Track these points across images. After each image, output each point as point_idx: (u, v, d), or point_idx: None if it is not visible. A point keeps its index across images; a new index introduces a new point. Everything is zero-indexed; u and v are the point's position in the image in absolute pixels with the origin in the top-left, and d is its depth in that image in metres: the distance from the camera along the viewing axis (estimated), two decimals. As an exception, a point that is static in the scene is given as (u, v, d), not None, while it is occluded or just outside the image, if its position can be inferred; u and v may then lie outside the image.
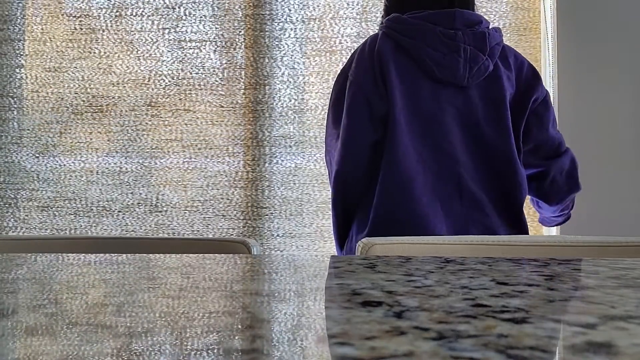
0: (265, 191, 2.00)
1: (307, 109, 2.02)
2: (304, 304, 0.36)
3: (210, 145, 2.03)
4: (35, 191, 2.05)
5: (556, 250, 0.80)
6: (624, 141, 1.86)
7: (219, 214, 2.01)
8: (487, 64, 1.14)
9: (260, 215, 2.00)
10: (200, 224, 2.01)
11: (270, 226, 1.99)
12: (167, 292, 0.39)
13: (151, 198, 2.03)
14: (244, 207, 2.00)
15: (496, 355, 0.23)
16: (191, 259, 0.58)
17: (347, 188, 1.19)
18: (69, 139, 2.05)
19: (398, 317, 0.30)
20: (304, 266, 0.53)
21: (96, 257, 0.61)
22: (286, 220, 1.99)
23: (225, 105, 2.03)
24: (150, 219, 2.02)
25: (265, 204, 2.00)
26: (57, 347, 0.25)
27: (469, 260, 0.55)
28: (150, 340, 0.26)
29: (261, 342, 0.26)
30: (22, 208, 2.04)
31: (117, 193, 2.03)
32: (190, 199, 2.02)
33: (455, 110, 1.14)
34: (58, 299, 0.37)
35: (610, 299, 0.35)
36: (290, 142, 2.01)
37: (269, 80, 2.03)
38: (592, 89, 1.86)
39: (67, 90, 2.06)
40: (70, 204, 2.04)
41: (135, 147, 2.04)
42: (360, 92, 1.15)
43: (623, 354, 0.23)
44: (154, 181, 2.03)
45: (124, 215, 2.03)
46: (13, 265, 0.54)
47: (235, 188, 2.01)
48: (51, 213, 2.04)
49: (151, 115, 2.04)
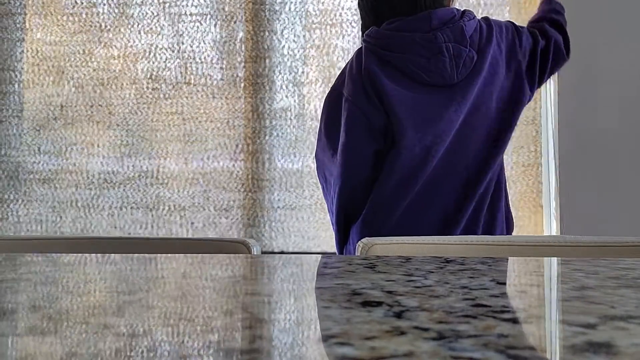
0: (266, 164, 2.01)
1: (307, 82, 2.03)
2: (304, 304, 0.36)
3: (211, 118, 2.04)
4: (36, 164, 2.06)
5: (556, 250, 0.80)
6: (624, 141, 1.86)
7: (220, 186, 2.02)
8: (472, 55, 1.14)
9: (261, 188, 2.00)
10: (201, 197, 2.02)
11: (271, 198, 2.00)
12: (167, 292, 0.39)
13: (152, 170, 2.04)
14: (245, 179, 2.01)
15: (496, 355, 0.23)
16: (191, 259, 0.58)
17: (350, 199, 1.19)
18: (69, 112, 2.07)
19: (398, 317, 0.30)
20: (304, 266, 0.53)
21: (96, 257, 0.61)
22: (286, 192, 2.00)
23: (226, 79, 2.04)
24: (151, 190, 2.03)
25: (266, 176, 2.01)
26: (57, 347, 0.25)
27: (469, 260, 0.55)
28: (150, 340, 0.26)
29: (261, 342, 0.26)
30: (23, 181, 2.06)
31: (118, 165, 2.04)
32: (191, 171, 2.03)
33: (450, 108, 1.15)
34: (58, 299, 0.37)
35: (610, 299, 0.35)
36: (290, 114, 2.02)
37: (269, 53, 2.03)
38: (593, 89, 1.86)
39: (68, 64, 2.07)
40: (72, 177, 2.05)
41: (135, 120, 2.05)
42: (356, 108, 1.16)
43: (623, 354, 0.23)
44: (155, 154, 2.04)
45: (125, 187, 2.04)
46: (13, 265, 0.54)
47: (235, 161, 2.02)
48: (52, 186, 2.05)
49: (152, 89, 2.05)
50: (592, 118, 1.86)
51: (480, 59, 1.16)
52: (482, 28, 1.18)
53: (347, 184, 1.18)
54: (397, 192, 1.14)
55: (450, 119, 1.14)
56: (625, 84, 1.86)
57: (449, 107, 1.15)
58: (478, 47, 1.16)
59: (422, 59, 1.13)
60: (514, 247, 0.80)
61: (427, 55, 1.13)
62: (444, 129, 1.14)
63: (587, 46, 1.87)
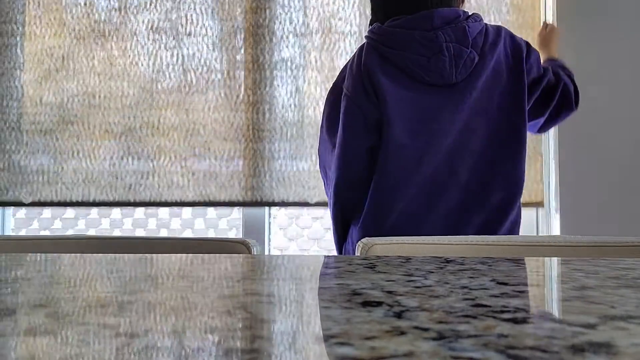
0: (266, 114, 2.02)
1: (307, 33, 2.03)
2: (304, 304, 0.36)
3: (211, 68, 2.04)
4: (37, 115, 2.08)
5: (556, 250, 0.80)
6: (625, 141, 1.86)
7: (221, 137, 2.03)
8: (473, 56, 1.14)
9: (262, 138, 2.01)
10: (202, 147, 2.03)
11: (272, 148, 2.01)
12: (167, 292, 0.39)
13: (153, 121, 2.05)
14: (245, 130, 2.02)
15: (496, 355, 0.23)
16: (191, 259, 0.58)
17: (346, 194, 1.20)
18: (71, 64, 2.08)
19: (398, 317, 0.30)
20: (304, 266, 0.53)
21: (96, 257, 0.61)
22: (287, 142, 2.01)
23: (226, 29, 2.05)
24: (152, 140, 2.05)
25: (266, 126, 2.02)
26: (57, 347, 0.25)
27: (469, 261, 0.55)
28: (150, 340, 0.26)
29: (261, 342, 0.26)
30: (25, 132, 2.08)
31: (119, 116, 2.06)
32: (191, 122, 2.04)
33: (449, 108, 1.15)
34: (57, 299, 0.37)
35: (610, 299, 0.35)
36: (290, 65, 2.02)
37: (269, 4, 2.04)
38: (593, 89, 1.86)
39: (70, 16, 2.09)
40: (73, 127, 2.07)
41: (136, 71, 2.06)
42: (354, 103, 1.17)
43: (623, 354, 0.23)
44: (155, 104, 2.06)
45: (126, 137, 2.05)
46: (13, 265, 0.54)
47: (236, 111, 2.03)
48: (54, 137, 2.07)
49: (152, 40, 2.06)
50: (592, 118, 1.85)
51: (482, 61, 1.15)
52: (489, 32, 1.18)
53: (344, 177, 1.19)
54: (394, 193, 1.13)
55: (448, 120, 1.14)
56: (626, 84, 1.86)
57: (447, 108, 1.15)
58: (481, 50, 1.15)
59: (422, 57, 1.13)
60: (514, 247, 0.80)
61: (427, 54, 1.13)
62: (441, 129, 1.14)
63: (587, 46, 1.87)
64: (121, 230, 4.04)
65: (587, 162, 1.86)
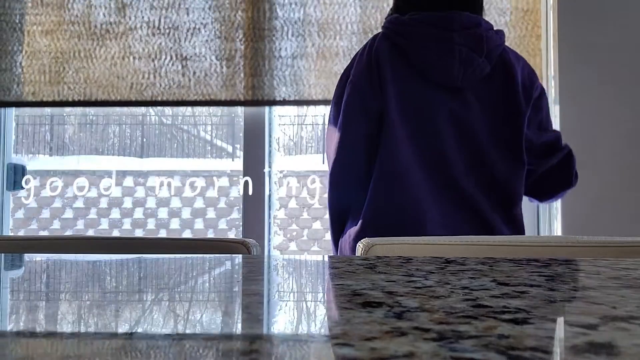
0: (267, 13, 2.01)
1: None
2: (304, 305, 0.36)
3: None
4: (39, 15, 2.08)
5: (556, 251, 0.79)
6: (625, 141, 1.85)
7: (221, 35, 2.02)
8: (484, 66, 1.14)
9: (262, 37, 2.00)
10: (203, 47, 2.02)
11: (272, 47, 2.00)
12: (167, 292, 0.39)
13: (154, 20, 2.04)
14: (246, 28, 2.01)
15: (497, 356, 0.23)
16: (191, 259, 0.58)
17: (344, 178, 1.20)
18: None
19: (398, 318, 0.30)
20: (304, 266, 0.53)
21: (95, 257, 0.61)
22: (288, 41, 2.00)
23: None
24: (153, 40, 2.04)
25: (267, 25, 2.01)
26: (57, 347, 0.25)
27: (469, 261, 0.55)
28: (150, 340, 0.26)
29: (261, 342, 0.26)
30: (27, 32, 2.09)
31: (120, 16, 2.06)
32: (192, 21, 2.04)
33: (449, 111, 1.15)
34: (57, 300, 0.37)
35: (611, 300, 0.35)
36: None
37: None
38: (593, 89, 1.86)
39: None
40: (74, 28, 2.07)
41: None
42: (356, 90, 1.17)
43: (624, 354, 0.23)
44: (157, 4, 2.05)
45: (127, 37, 2.05)
46: (13, 265, 0.54)
47: (237, 10, 2.02)
48: (55, 37, 2.07)
49: None
50: (592, 118, 1.85)
51: (494, 73, 1.16)
52: (506, 50, 1.19)
53: (341, 162, 1.19)
54: (393, 191, 1.13)
55: (449, 122, 1.14)
56: (626, 84, 1.86)
57: (449, 109, 1.15)
58: (495, 63, 1.16)
59: (433, 54, 1.13)
60: (514, 247, 0.80)
61: (438, 52, 1.13)
62: (442, 130, 1.14)
63: (587, 46, 1.87)
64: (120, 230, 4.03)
65: (587, 162, 1.86)
